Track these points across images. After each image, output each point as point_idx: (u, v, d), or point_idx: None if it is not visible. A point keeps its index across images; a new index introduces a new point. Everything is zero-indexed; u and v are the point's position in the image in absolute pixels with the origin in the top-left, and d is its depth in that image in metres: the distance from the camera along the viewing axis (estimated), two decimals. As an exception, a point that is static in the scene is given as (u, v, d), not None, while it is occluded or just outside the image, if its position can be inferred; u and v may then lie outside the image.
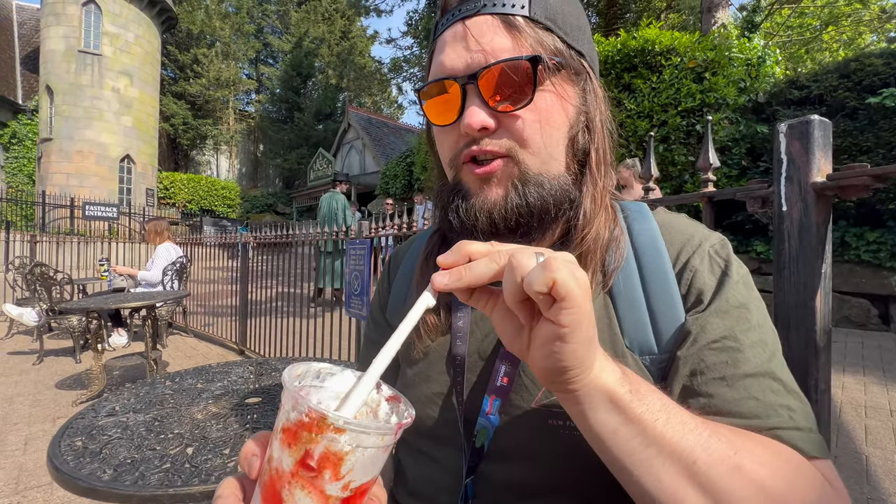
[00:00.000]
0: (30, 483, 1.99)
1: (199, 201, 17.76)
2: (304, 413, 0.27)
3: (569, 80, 0.47)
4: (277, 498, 0.28)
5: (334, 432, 0.27)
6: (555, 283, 0.29)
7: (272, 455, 0.29)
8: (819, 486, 0.35)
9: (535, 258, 0.31)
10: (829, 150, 0.67)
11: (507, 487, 0.45)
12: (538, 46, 0.44)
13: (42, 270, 3.97)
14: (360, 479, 0.28)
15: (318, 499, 0.27)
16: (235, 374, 1.41)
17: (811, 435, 0.38)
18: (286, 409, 0.28)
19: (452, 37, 0.46)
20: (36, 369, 3.70)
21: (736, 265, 0.46)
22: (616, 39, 5.34)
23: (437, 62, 0.48)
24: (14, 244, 7.30)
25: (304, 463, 0.27)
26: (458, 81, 0.45)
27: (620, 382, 0.33)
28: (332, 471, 0.27)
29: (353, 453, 0.27)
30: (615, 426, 0.33)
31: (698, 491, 0.32)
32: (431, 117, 0.49)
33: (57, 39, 13.20)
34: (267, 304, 3.75)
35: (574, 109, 0.48)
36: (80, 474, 0.79)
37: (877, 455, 2.08)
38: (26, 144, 14.85)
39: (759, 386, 0.39)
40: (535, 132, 0.45)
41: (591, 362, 0.32)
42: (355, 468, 0.28)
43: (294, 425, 0.27)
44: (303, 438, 0.27)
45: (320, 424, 0.27)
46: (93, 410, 1.10)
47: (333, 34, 24.72)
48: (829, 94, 4.54)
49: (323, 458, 0.27)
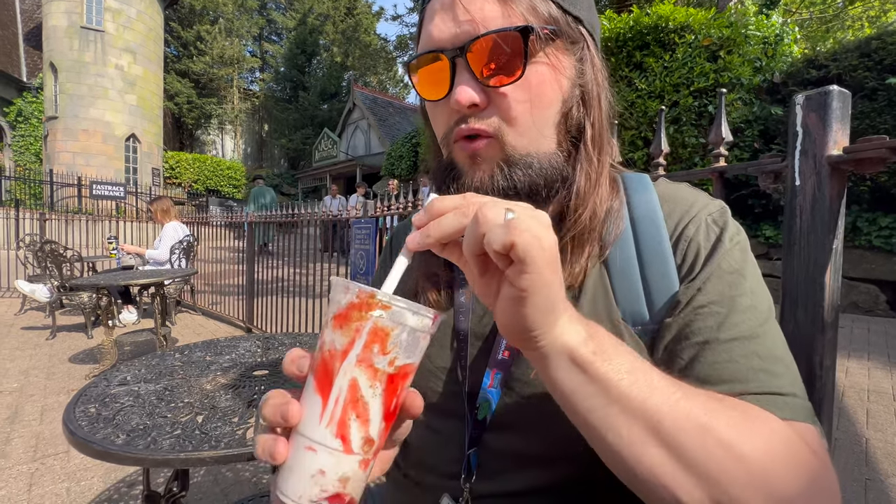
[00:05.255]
0: (47, 451, 2.06)
1: (204, 181, 17.74)
2: (355, 294, 0.31)
3: (564, 50, 0.45)
4: (330, 377, 0.31)
5: (382, 308, 0.30)
6: (514, 246, 0.28)
7: (324, 342, 0.32)
8: (796, 449, 0.34)
9: (502, 214, 0.30)
10: (846, 122, 0.65)
11: (508, 456, 0.46)
12: (531, 14, 0.42)
13: (52, 248, 4.03)
14: (403, 359, 0.32)
15: (368, 371, 0.31)
16: (243, 347, 1.44)
17: (794, 399, 0.38)
18: (336, 300, 0.32)
19: (441, 4, 0.44)
20: (49, 344, 3.79)
21: (732, 231, 0.45)
22: (628, 16, 5.17)
23: (425, 32, 0.46)
24: (24, 222, 7.39)
25: (354, 340, 0.31)
26: (446, 55, 0.43)
27: (584, 342, 0.33)
28: (379, 345, 0.31)
29: (397, 330, 0.31)
30: (576, 385, 0.34)
31: (662, 448, 0.32)
32: (422, 92, 0.48)
33: (59, 15, 13.03)
34: (273, 283, 3.79)
35: (568, 82, 0.45)
36: (94, 438, 0.82)
37: (877, 438, 2.09)
38: (32, 122, 14.83)
39: (742, 350, 0.39)
40: (524, 111, 0.43)
41: (552, 325, 0.32)
42: (399, 346, 0.31)
43: (345, 308, 0.31)
44: (353, 318, 0.31)
45: (370, 302, 0.30)
46: (105, 380, 1.13)
47: (338, 10, 24.17)
48: (849, 73, 4.40)
49: (372, 333, 0.31)
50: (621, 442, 0.33)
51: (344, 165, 16.34)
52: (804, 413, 0.38)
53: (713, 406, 0.34)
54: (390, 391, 0.32)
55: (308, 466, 0.30)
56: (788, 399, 0.38)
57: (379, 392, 0.31)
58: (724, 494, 0.32)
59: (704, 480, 0.32)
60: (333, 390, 0.31)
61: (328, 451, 0.30)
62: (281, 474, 0.31)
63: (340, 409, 0.30)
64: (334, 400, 0.31)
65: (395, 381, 0.32)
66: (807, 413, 0.38)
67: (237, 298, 4.46)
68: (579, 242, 0.46)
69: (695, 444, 0.32)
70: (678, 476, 0.32)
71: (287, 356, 0.34)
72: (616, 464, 0.35)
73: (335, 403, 0.30)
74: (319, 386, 0.31)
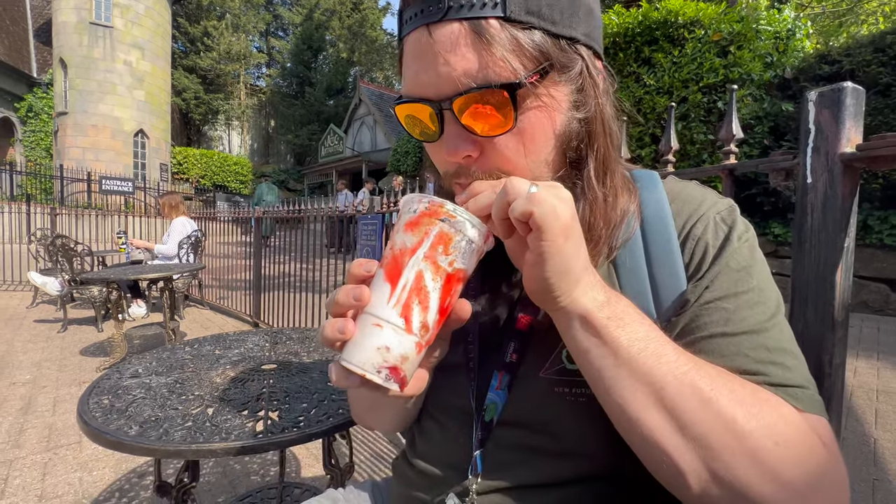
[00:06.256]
0: (60, 441, 2.10)
1: (211, 177, 17.85)
2: (426, 204, 0.37)
3: (556, 83, 0.42)
4: (400, 268, 0.36)
5: (448, 216, 0.37)
6: (532, 215, 0.33)
7: (394, 243, 0.38)
8: (805, 437, 0.34)
9: (527, 187, 0.35)
10: (860, 119, 0.64)
11: (515, 451, 0.47)
12: (515, 54, 0.38)
13: (63, 242, 4.08)
14: (459, 263, 0.37)
15: (432, 266, 0.36)
16: (251, 342, 1.45)
17: (805, 391, 0.38)
18: (408, 209, 0.38)
19: (419, 49, 0.41)
20: (61, 336, 3.85)
21: (740, 229, 0.44)
22: (637, 11, 5.11)
23: (407, 76, 0.43)
24: (35, 216, 7.49)
25: (422, 240, 0.36)
26: (432, 107, 0.42)
27: (600, 308, 0.37)
28: (443, 246, 0.37)
29: (458, 237, 0.37)
30: (588, 346, 0.37)
31: (663, 413, 0.34)
32: (414, 133, 0.47)
33: (68, 11, 13.12)
34: (281, 278, 3.81)
35: (565, 117, 0.43)
36: (108, 429, 0.83)
37: (885, 438, 2.07)
38: (42, 118, 14.99)
39: (750, 343, 0.39)
40: (519, 157, 0.42)
41: (570, 288, 0.36)
42: (459, 251, 0.37)
43: (417, 216, 0.37)
44: (423, 223, 0.37)
45: (438, 210, 0.37)
46: (117, 372, 1.15)
47: (344, 6, 24.11)
48: (862, 69, 4.32)
49: (438, 237, 0.37)
50: (625, 402, 0.36)
51: (350, 161, 16.37)
52: (815, 405, 0.38)
53: (722, 382, 0.35)
54: (446, 289, 0.37)
55: (375, 340, 0.35)
56: (798, 391, 0.38)
57: (439, 286, 0.37)
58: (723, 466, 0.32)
59: (703, 450, 0.33)
60: (402, 279, 0.36)
61: (393, 328, 0.35)
62: (347, 348, 0.36)
63: (406, 294, 0.36)
64: (402, 286, 0.36)
65: (451, 281, 0.37)
66: (818, 405, 0.38)
67: (244, 293, 4.50)
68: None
69: (695, 413, 0.33)
70: (675, 442, 0.34)
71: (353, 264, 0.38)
72: (620, 423, 0.37)
73: (402, 289, 0.36)
74: (389, 276, 0.36)
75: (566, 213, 0.34)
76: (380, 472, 1.89)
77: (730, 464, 0.32)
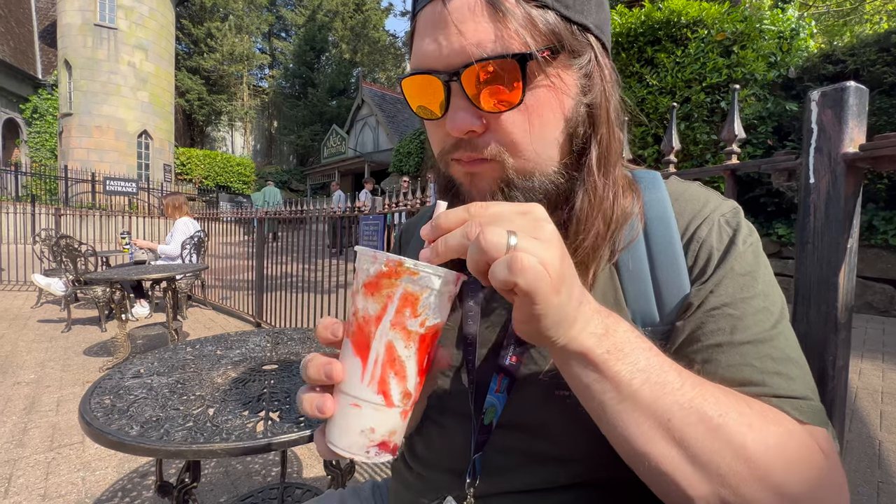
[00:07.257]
0: (63, 441, 2.11)
1: (214, 177, 17.92)
2: (383, 263, 0.33)
3: (566, 66, 0.41)
4: (367, 341, 0.33)
5: (410, 275, 0.32)
6: (516, 286, 0.29)
7: (357, 309, 0.34)
8: (809, 452, 0.34)
9: (505, 239, 0.29)
10: (864, 119, 0.64)
11: (514, 454, 0.46)
12: (529, 30, 0.38)
13: (67, 242, 4.10)
14: (432, 319, 0.34)
15: (402, 333, 0.33)
16: (253, 342, 1.45)
17: (809, 403, 0.38)
18: (364, 269, 0.34)
19: (432, 20, 0.41)
20: (65, 337, 3.87)
21: (744, 233, 0.44)
22: (640, 10, 5.10)
23: (417, 48, 0.43)
24: (39, 217, 7.54)
25: (386, 306, 0.33)
26: (439, 78, 0.40)
27: (598, 343, 0.34)
28: (411, 309, 0.33)
29: (426, 294, 0.33)
30: (589, 382, 0.35)
31: (670, 445, 0.33)
32: (417, 110, 0.46)
33: (73, 13, 13.21)
34: (282, 279, 3.82)
35: (572, 101, 0.43)
36: (109, 429, 0.84)
37: (890, 440, 2.06)
38: (47, 119, 15.09)
39: (756, 353, 0.39)
40: (524, 136, 0.41)
41: (566, 330, 0.33)
42: (429, 308, 0.33)
43: (375, 277, 0.33)
44: (384, 285, 0.33)
45: (398, 270, 0.32)
46: (119, 372, 1.15)
47: (347, 6, 24.15)
48: (867, 68, 4.30)
49: (403, 299, 0.33)
50: (630, 436, 0.34)
51: (352, 162, 16.40)
52: (817, 416, 0.38)
53: (729, 405, 0.34)
54: (423, 349, 0.34)
55: (357, 422, 0.33)
56: (802, 403, 0.38)
57: (413, 351, 0.34)
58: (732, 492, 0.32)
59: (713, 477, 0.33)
60: (371, 353, 0.33)
61: (372, 406, 0.33)
62: (330, 428, 0.34)
63: (380, 370, 0.33)
64: (373, 361, 0.33)
65: (426, 339, 0.34)
66: (820, 416, 0.38)
67: (247, 293, 4.51)
68: (583, 265, 0.44)
69: (704, 443, 0.33)
70: (684, 471, 0.33)
71: (320, 324, 0.36)
72: (627, 456, 0.36)
73: (374, 364, 0.33)
74: (357, 349, 0.34)
75: (555, 263, 0.30)
76: (380, 472, 1.89)
77: (739, 489, 0.32)
